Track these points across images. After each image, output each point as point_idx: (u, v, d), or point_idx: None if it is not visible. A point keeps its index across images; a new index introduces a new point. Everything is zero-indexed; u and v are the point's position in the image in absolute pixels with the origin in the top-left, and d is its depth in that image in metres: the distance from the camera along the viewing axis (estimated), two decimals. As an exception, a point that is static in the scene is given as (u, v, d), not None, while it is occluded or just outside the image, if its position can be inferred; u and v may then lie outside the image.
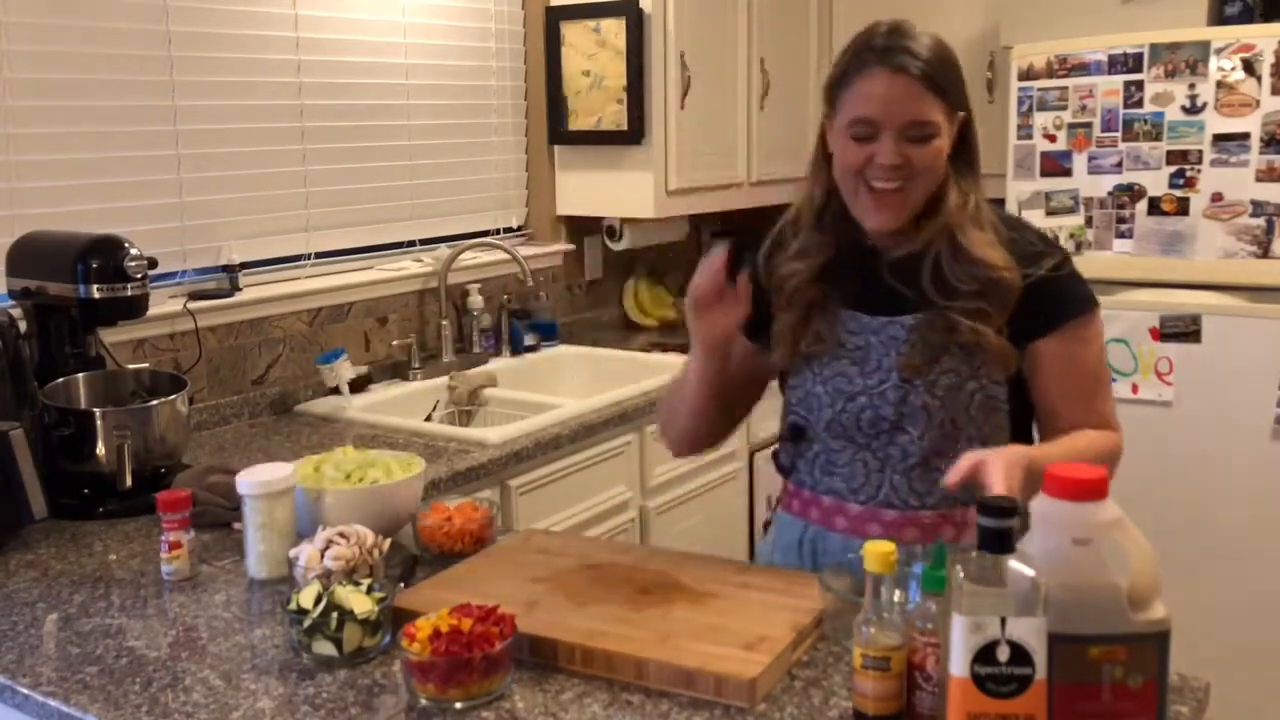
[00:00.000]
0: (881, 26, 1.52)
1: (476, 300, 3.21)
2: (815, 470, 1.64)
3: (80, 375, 2.07)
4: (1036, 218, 3.05)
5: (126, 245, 2.05)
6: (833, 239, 1.60)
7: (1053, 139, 3.01)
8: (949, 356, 1.52)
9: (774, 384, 1.74)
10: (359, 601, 1.35)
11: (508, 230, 3.50)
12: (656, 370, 2.99)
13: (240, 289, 2.65)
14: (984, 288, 1.50)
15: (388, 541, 1.59)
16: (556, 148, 3.52)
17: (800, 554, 1.65)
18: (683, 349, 1.91)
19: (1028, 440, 1.60)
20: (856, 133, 1.51)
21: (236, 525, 1.75)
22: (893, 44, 1.49)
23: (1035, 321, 1.53)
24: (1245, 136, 2.77)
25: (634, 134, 3.28)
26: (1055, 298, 1.53)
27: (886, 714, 1.16)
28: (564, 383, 3.24)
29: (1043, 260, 1.53)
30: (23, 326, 2.02)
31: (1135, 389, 2.97)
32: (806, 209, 1.63)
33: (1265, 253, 2.78)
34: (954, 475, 1.32)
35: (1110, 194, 2.96)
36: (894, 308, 1.56)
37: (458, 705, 1.23)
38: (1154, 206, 2.90)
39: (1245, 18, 2.99)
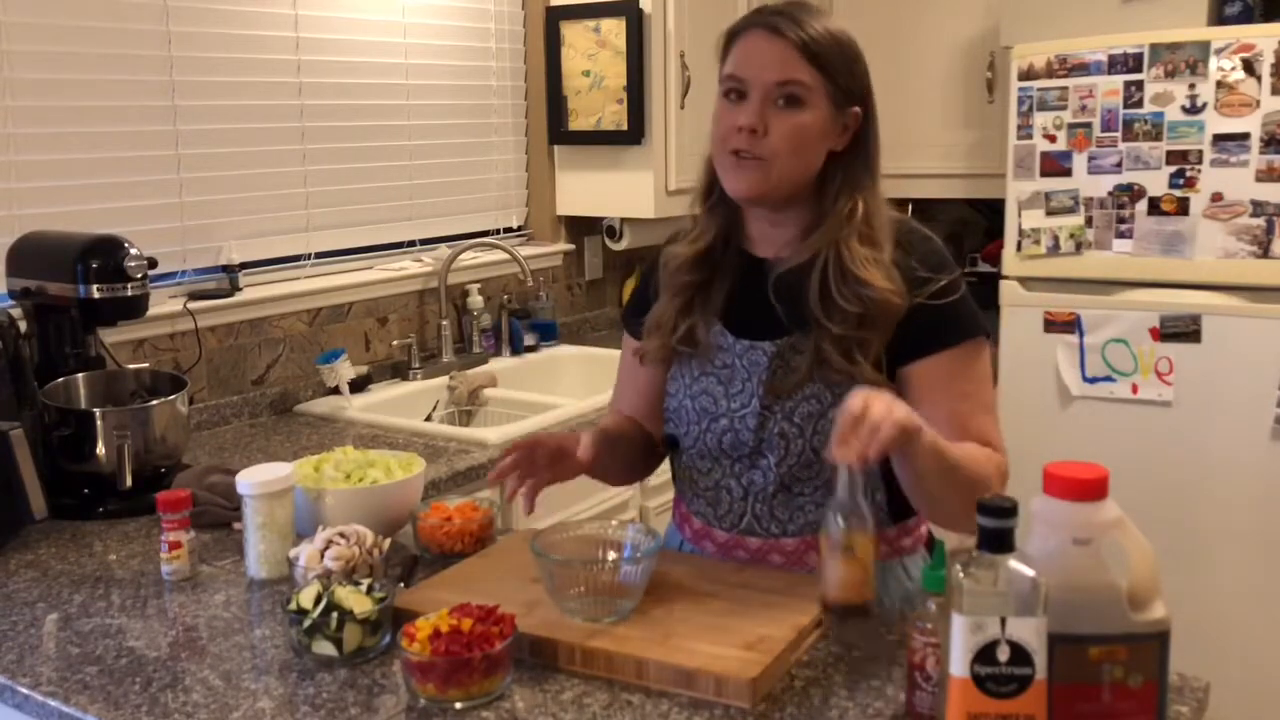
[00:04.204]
0: (780, 3, 1.50)
1: (476, 300, 3.21)
2: (686, 485, 1.64)
3: (80, 375, 2.07)
4: (1036, 218, 3.05)
5: (126, 245, 2.05)
6: (716, 224, 1.57)
7: (1053, 139, 3.01)
8: (812, 383, 1.47)
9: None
10: (359, 601, 1.35)
11: (508, 230, 3.50)
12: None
13: (240, 289, 2.65)
14: (865, 310, 1.43)
15: (388, 541, 1.59)
16: (556, 148, 3.52)
17: None
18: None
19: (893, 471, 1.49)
20: (727, 88, 1.48)
21: (236, 525, 1.75)
22: (781, 13, 1.47)
23: (913, 345, 1.46)
24: (1245, 136, 2.76)
25: (634, 134, 3.28)
26: (937, 324, 1.46)
27: (849, 602, 1.15)
28: (564, 383, 3.24)
29: (928, 284, 1.46)
30: (23, 326, 2.02)
31: (1135, 389, 2.97)
32: (696, 190, 1.61)
33: (1265, 253, 2.78)
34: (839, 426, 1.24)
35: (1110, 194, 2.95)
36: (763, 330, 1.51)
37: (458, 705, 1.23)
38: (1154, 206, 2.90)
39: (1245, 18, 2.99)
